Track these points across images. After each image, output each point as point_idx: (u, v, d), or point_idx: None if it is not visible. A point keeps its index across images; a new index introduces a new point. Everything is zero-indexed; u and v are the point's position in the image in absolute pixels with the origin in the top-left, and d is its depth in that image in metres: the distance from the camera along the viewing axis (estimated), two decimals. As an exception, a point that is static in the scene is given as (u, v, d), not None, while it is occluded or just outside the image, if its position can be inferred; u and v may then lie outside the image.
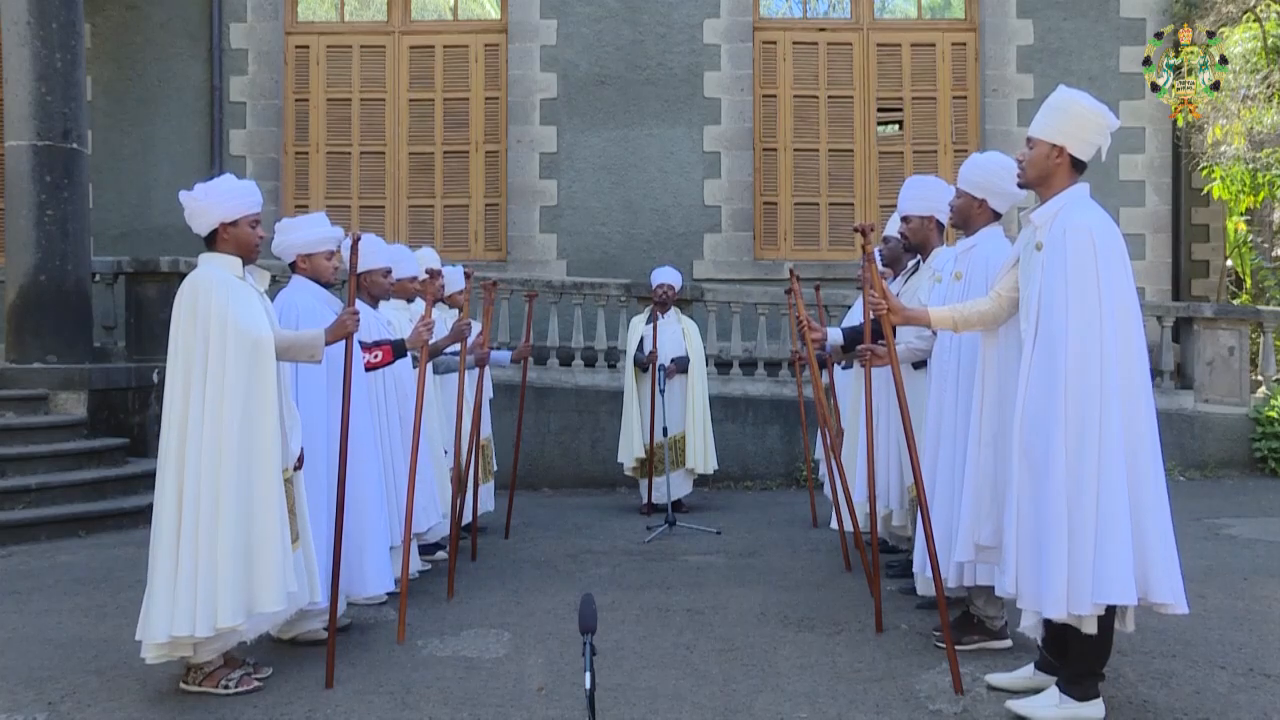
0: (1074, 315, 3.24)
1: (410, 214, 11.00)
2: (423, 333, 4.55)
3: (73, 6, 8.16)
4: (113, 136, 10.75)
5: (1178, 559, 3.25)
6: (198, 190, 3.79)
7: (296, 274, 4.46)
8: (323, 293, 4.43)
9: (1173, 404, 9.44)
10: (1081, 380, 3.21)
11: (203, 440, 3.55)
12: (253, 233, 3.82)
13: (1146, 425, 3.25)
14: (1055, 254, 3.31)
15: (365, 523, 4.39)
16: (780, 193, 11.02)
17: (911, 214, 4.63)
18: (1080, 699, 3.31)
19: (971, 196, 4.14)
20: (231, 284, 3.71)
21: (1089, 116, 3.38)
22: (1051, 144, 3.39)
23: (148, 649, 3.59)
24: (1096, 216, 3.34)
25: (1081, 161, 3.42)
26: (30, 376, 7.82)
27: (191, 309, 3.64)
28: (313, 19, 11.49)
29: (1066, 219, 3.33)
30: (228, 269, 3.76)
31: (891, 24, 11.31)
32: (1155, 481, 3.23)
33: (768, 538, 6.69)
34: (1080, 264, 3.25)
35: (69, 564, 5.98)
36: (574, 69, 10.84)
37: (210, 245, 3.80)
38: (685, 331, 7.78)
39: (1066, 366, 3.23)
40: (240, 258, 3.81)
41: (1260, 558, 5.89)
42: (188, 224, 3.85)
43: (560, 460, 9.21)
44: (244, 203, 3.81)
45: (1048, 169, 3.41)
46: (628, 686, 3.76)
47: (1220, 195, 11.58)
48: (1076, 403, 3.21)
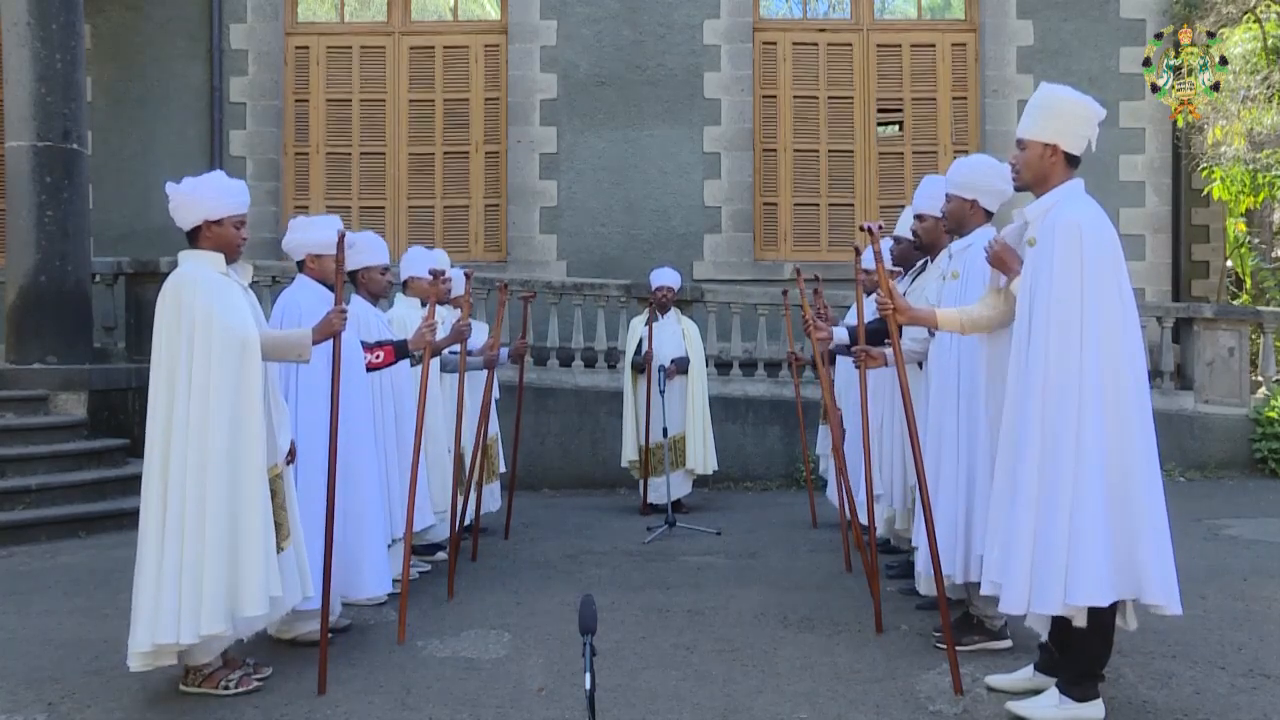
0: (1054, 313, 3.24)
1: (410, 215, 11.00)
2: (425, 334, 4.54)
3: (73, 7, 8.17)
4: (113, 137, 10.75)
5: (1173, 560, 3.23)
6: (185, 184, 3.71)
7: (303, 273, 4.45)
8: (325, 293, 4.41)
9: (1173, 405, 9.44)
10: (1059, 380, 3.21)
11: (188, 442, 3.49)
12: (236, 233, 3.74)
13: (1139, 424, 3.21)
14: (1045, 250, 3.31)
15: (363, 524, 4.38)
16: (780, 193, 11.02)
17: (926, 213, 4.61)
18: (1080, 700, 3.31)
19: (962, 199, 4.14)
20: (216, 282, 3.63)
21: (1076, 110, 3.38)
22: (1044, 144, 3.39)
23: (133, 657, 3.53)
24: (1087, 211, 3.31)
25: (1075, 156, 3.41)
26: (30, 377, 7.82)
27: (175, 308, 3.56)
28: (313, 20, 11.49)
29: (1058, 214, 3.31)
30: (211, 266, 3.67)
31: (891, 24, 11.32)
32: (1149, 481, 3.20)
33: (768, 538, 6.69)
34: (1065, 261, 3.24)
35: (69, 565, 5.98)
36: (574, 70, 10.84)
37: (192, 242, 3.72)
38: (685, 332, 7.78)
39: (1046, 364, 3.24)
40: (223, 255, 3.73)
41: (1260, 558, 5.89)
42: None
43: (560, 461, 9.21)
44: (231, 202, 3.72)
45: (1043, 169, 3.41)
46: (628, 687, 3.76)
47: (1220, 196, 11.58)
48: (1054, 400, 3.21)
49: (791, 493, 8.86)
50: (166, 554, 3.46)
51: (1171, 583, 3.20)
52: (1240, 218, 14.64)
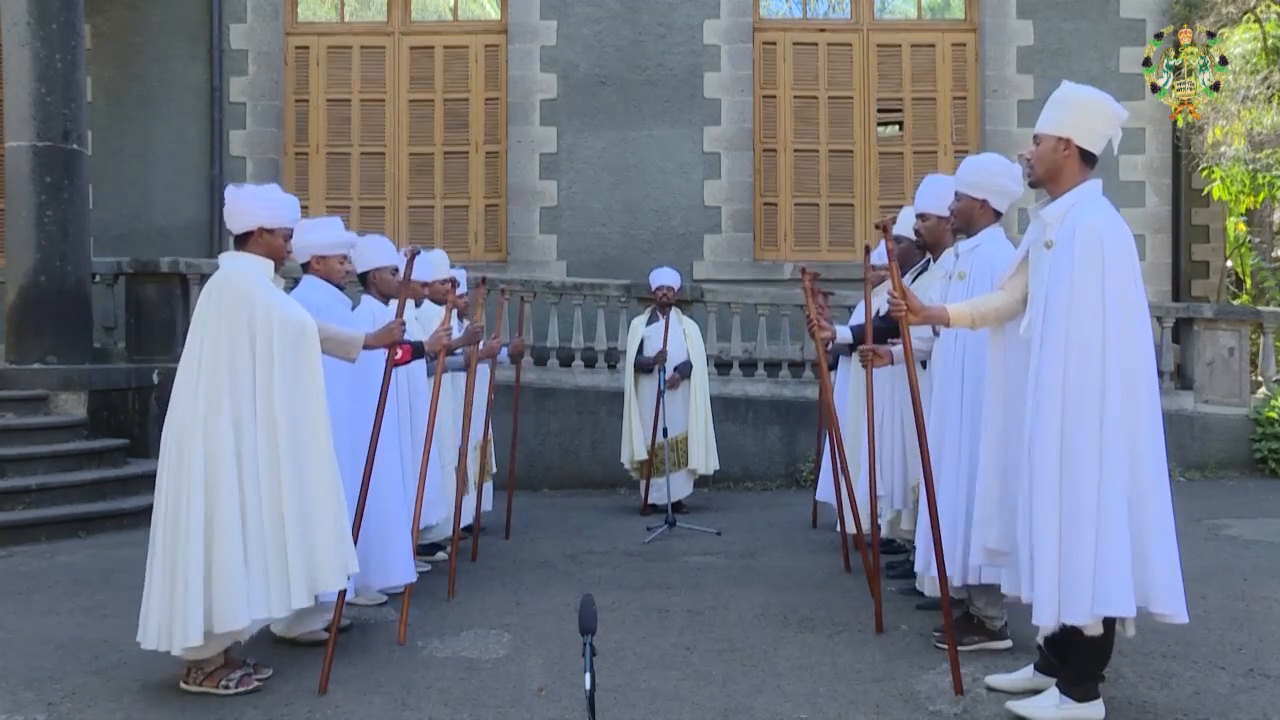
0: (1075, 319, 3.19)
1: (410, 215, 10.99)
2: (442, 337, 4.64)
3: (73, 7, 8.17)
4: (113, 137, 10.74)
5: (1179, 567, 3.23)
6: (246, 189, 3.92)
7: (309, 273, 4.60)
8: (336, 291, 4.58)
9: (1173, 404, 9.44)
10: (1080, 387, 3.17)
11: (257, 428, 3.61)
12: (284, 245, 3.97)
13: (1151, 433, 3.20)
14: (1064, 254, 3.25)
15: (390, 515, 4.51)
16: (780, 193, 11.01)
17: (929, 212, 4.60)
18: (1080, 700, 3.31)
19: (971, 198, 4.13)
20: (267, 280, 3.85)
21: (1093, 106, 3.34)
22: (1058, 137, 3.34)
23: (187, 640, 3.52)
24: (1107, 216, 3.28)
25: (1091, 155, 3.36)
26: (30, 377, 7.82)
27: (234, 299, 3.69)
28: (313, 20, 11.49)
29: (1077, 218, 3.27)
30: (262, 269, 3.87)
31: (891, 24, 11.32)
32: (1159, 489, 3.19)
33: (768, 538, 6.69)
34: (1087, 267, 3.20)
35: (69, 564, 5.98)
36: (574, 70, 10.84)
37: (241, 245, 3.90)
38: (686, 332, 7.78)
39: (1065, 372, 3.19)
40: (272, 261, 3.93)
41: (1260, 558, 5.89)
42: (189, 224, 3.91)
43: (560, 461, 9.21)
44: (287, 215, 3.94)
45: (1056, 163, 3.36)
46: (628, 687, 3.76)
47: (1220, 196, 11.58)
48: (1075, 409, 3.18)
49: (791, 493, 8.86)
50: (250, 537, 3.56)
51: (1178, 591, 3.19)
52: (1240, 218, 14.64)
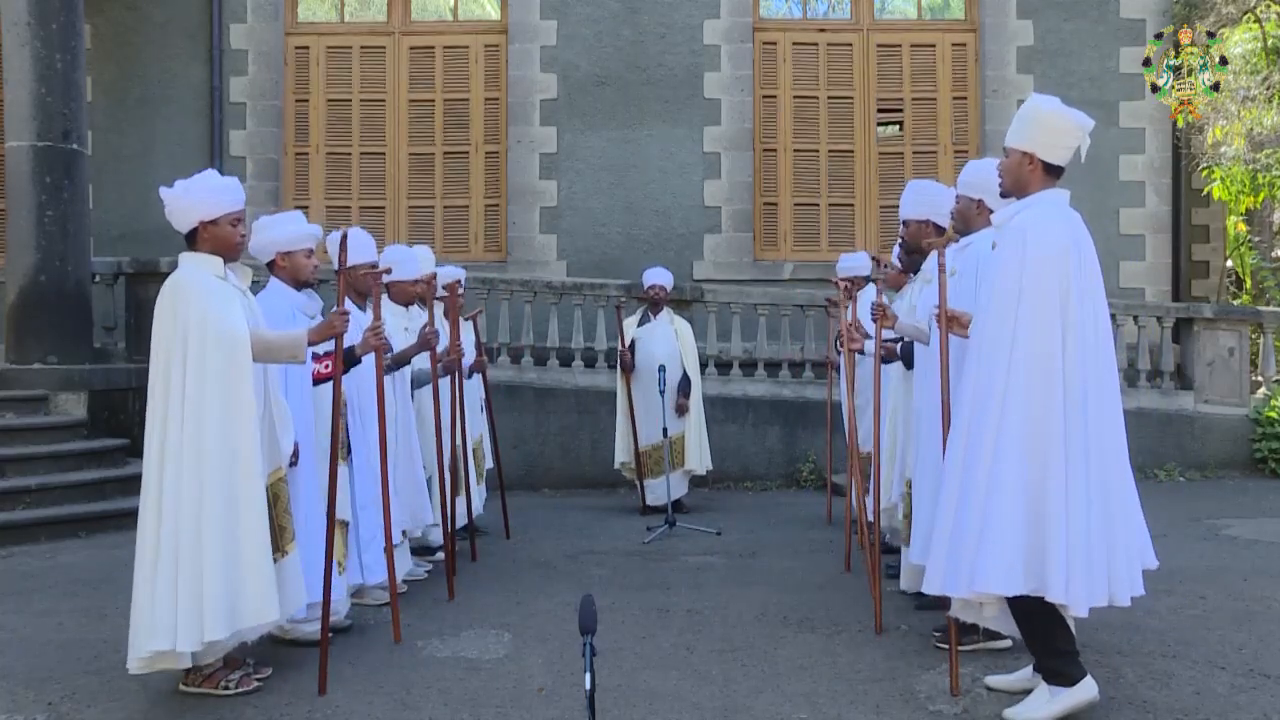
0: (992, 309, 3.38)
1: (410, 215, 10.99)
2: (370, 339, 4.17)
3: (73, 7, 8.17)
4: (113, 137, 10.75)
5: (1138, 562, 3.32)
6: (178, 187, 3.70)
7: (275, 275, 4.31)
8: (298, 298, 4.27)
9: (1173, 405, 9.45)
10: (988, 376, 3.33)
11: (183, 446, 3.46)
12: (234, 231, 3.72)
13: (1112, 431, 3.30)
14: (999, 253, 3.44)
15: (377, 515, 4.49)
16: (780, 193, 11.01)
17: (910, 218, 4.73)
18: (1068, 685, 3.32)
19: (969, 198, 4.24)
20: (211, 285, 3.62)
21: (1055, 122, 3.43)
22: (1023, 151, 3.46)
23: (132, 661, 3.51)
24: (1046, 215, 3.37)
25: (1055, 166, 3.46)
26: (30, 377, 7.82)
27: (171, 311, 3.55)
28: (313, 20, 11.48)
29: (1020, 220, 3.41)
30: (208, 269, 3.66)
31: (891, 25, 11.31)
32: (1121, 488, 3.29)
33: (767, 538, 6.69)
34: (1005, 265, 3.36)
35: (69, 565, 5.98)
36: (574, 70, 10.84)
37: (190, 244, 3.71)
38: (678, 332, 7.74)
39: (979, 360, 3.39)
40: (221, 256, 3.71)
41: (1260, 558, 5.89)
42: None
43: (560, 461, 9.21)
44: (225, 200, 3.70)
45: (1021, 176, 3.48)
46: (628, 687, 3.76)
47: (1220, 196, 11.59)
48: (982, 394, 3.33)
49: (791, 493, 8.86)
50: (162, 560, 3.42)
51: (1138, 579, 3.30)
52: (1240, 217, 14.64)
